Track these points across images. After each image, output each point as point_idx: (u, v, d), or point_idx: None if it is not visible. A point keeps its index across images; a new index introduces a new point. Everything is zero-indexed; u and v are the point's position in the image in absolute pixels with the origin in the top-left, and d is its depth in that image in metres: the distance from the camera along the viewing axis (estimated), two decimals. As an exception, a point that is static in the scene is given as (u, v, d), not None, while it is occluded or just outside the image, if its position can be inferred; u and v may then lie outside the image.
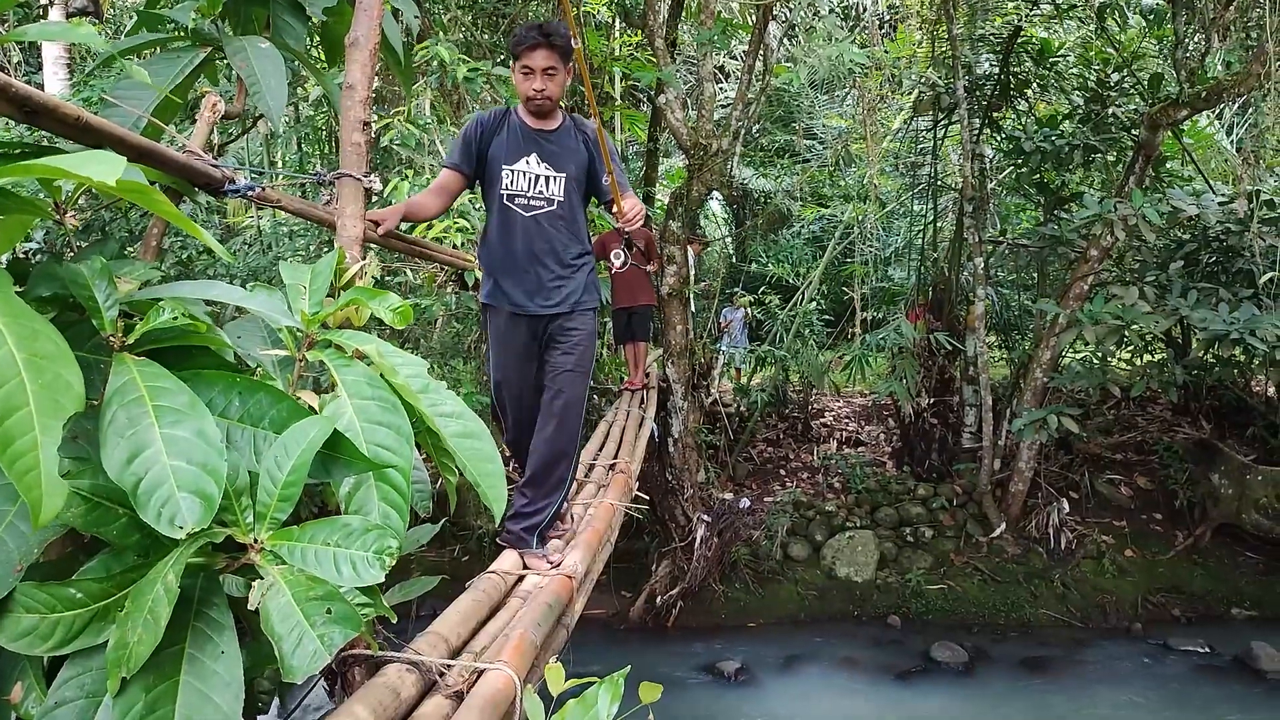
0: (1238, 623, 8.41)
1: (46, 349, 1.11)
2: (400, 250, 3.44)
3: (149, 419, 1.28)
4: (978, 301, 9.72)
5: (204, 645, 1.28)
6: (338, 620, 1.26)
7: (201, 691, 1.24)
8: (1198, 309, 7.39)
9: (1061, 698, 7.21)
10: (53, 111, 1.43)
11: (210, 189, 1.91)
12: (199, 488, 1.25)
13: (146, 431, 1.26)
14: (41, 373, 1.09)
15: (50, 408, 1.08)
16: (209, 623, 1.30)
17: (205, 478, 1.26)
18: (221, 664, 1.27)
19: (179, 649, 1.26)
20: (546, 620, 2.23)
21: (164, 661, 1.23)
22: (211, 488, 1.25)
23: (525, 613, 2.27)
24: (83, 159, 1.11)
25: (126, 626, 1.19)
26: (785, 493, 10.13)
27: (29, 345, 1.10)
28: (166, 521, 1.21)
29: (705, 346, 9.95)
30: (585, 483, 4.50)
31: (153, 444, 1.26)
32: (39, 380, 1.08)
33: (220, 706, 1.23)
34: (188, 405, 1.31)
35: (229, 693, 1.25)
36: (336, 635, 1.24)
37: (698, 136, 7.63)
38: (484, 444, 1.58)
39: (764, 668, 7.78)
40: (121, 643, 1.18)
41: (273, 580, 1.30)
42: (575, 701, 1.45)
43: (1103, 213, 7.73)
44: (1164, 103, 8.22)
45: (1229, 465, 8.95)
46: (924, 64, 10.92)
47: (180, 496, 1.23)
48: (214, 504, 1.24)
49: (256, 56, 2.17)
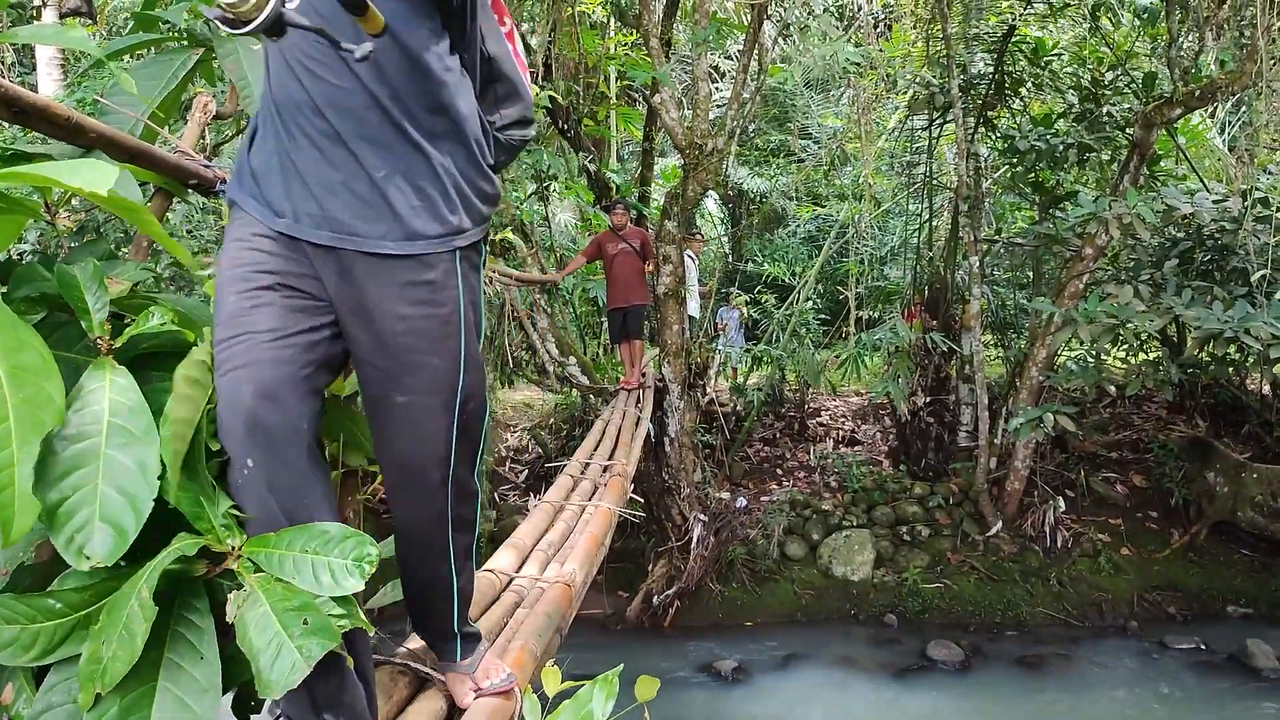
0: (1233, 620, 8.43)
1: (30, 361, 1.10)
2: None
3: (100, 436, 1.23)
4: (973, 300, 9.73)
5: (183, 652, 1.26)
6: (314, 631, 1.23)
7: (179, 698, 1.21)
8: (1192, 307, 7.40)
9: (1057, 695, 7.22)
10: (43, 112, 1.42)
11: (202, 189, 1.91)
12: (118, 521, 1.19)
13: (91, 449, 1.22)
14: (23, 386, 1.08)
15: (30, 423, 1.07)
16: (189, 628, 1.28)
17: (128, 512, 1.20)
18: (200, 670, 1.24)
19: (158, 654, 1.24)
20: (546, 631, 2.22)
21: (140, 667, 1.19)
22: (130, 523, 1.20)
23: (526, 622, 2.26)
24: (74, 168, 1.10)
25: (99, 641, 1.17)
26: (782, 492, 10.14)
27: (13, 357, 1.08)
28: (75, 550, 1.16)
29: (702, 346, 9.95)
30: (581, 480, 4.50)
31: (92, 463, 1.21)
32: (20, 394, 1.07)
33: (197, 714, 1.21)
34: (143, 431, 1.26)
35: (206, 699, 1.23)
36: (314, 647, 1.21)
37: (693, 136, 7.63)
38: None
39: (761, 667, 7.78)
40: (95, 657, 1.16)
41: (250, 590, 1.28)
42: (570, 701, 1.45)
43: (1097, 211, 7.74)
44: (1158, 101, 8.23)
45: (1224, 463, 8.97)
46: (919, 63, 10.93)
47: (97, 525, 1.18)
48: (127, 540, 1.19)
49: (248, 58, 2.16)
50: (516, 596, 2.55)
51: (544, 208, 10.05)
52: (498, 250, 6.90)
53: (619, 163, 12.21)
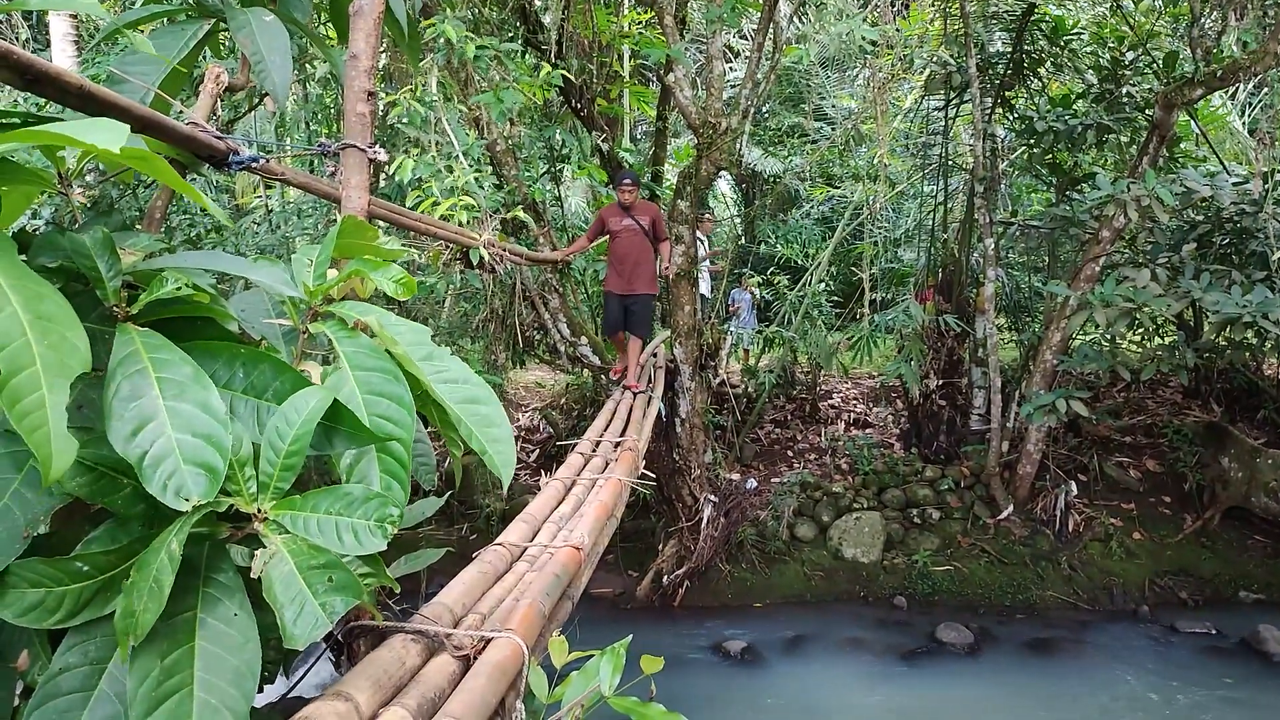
0: (1245, 606, 8.40)
1: (51, 311, 1.12)
2: (406, 228, 3.43)
3: (153, 391, 1.28)
4: (988, 283, 9.67)
5: (215, 609, 1.29)
6: (339, 589, 1.27)
7: (217, 654, 1.25)
8: (1210, 291, 7.33)
9: (1067, 679, 7.23)
10: (54, 80, 1.42)
11: (215, 161, 1.90)
12: (203, 460, 1.25)
13: (151, 404, 1.27)
14: (47, 334, 1.09)
15: (57, 367, 1.08)
16: (219, 588, 1.32)
17: (210, 450, 1.26)
18: (235, 626, 1.28)
19: (191, 615, 1.27)
20: (554, 591, 2.24)
21: (178, 628, 1.24)
22: (216, 460, 1.26)
23: (534, 582, 2.28)
24: (86, 126, 1.10)
25: (132, 596, 1.20)
26: (792, 474, 10.14)
27: (34, 307, 1.10)
28: (172, 494, 1.22)
29: (713, 327, 9.92)
30: (592, 457, 4.51)
31: (157, 416, 1.26)
32: (45, 341, 1.09)
33: (237, 665, 1.25)
34: (191, 378, 1.31)
35: (245, 651, 1.26)
36: (338, 603, 1.25)
37: (706, 115, 7.58)
38: (490, 409, 1.56)
39: (770, 647, 7.81)
40: (128, 611, 1.20)
41: (275, 549, 1.31)
42: (578, 672, 1.46)
43: (1115, 193, 7.66)
44: (1179, 82, 8.12)
45: (1239, 448, 8.91)
46: (936, 42, 10.80)
47: (185, 469, 1.24)
48: (219, 476, 1.25)
49: (260, 30, 2.15)
50: (528, 564, 2.57)
51: (556, 188, 10.02)
52: (510, 229, 6.88)
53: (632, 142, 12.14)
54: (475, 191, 5.11)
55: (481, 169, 5.78)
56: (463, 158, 5.59)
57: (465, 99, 6.60)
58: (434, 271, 6.10)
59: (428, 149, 5.55)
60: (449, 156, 5.59)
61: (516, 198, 7.16)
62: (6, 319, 1.07)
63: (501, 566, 2.49)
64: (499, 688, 1.72)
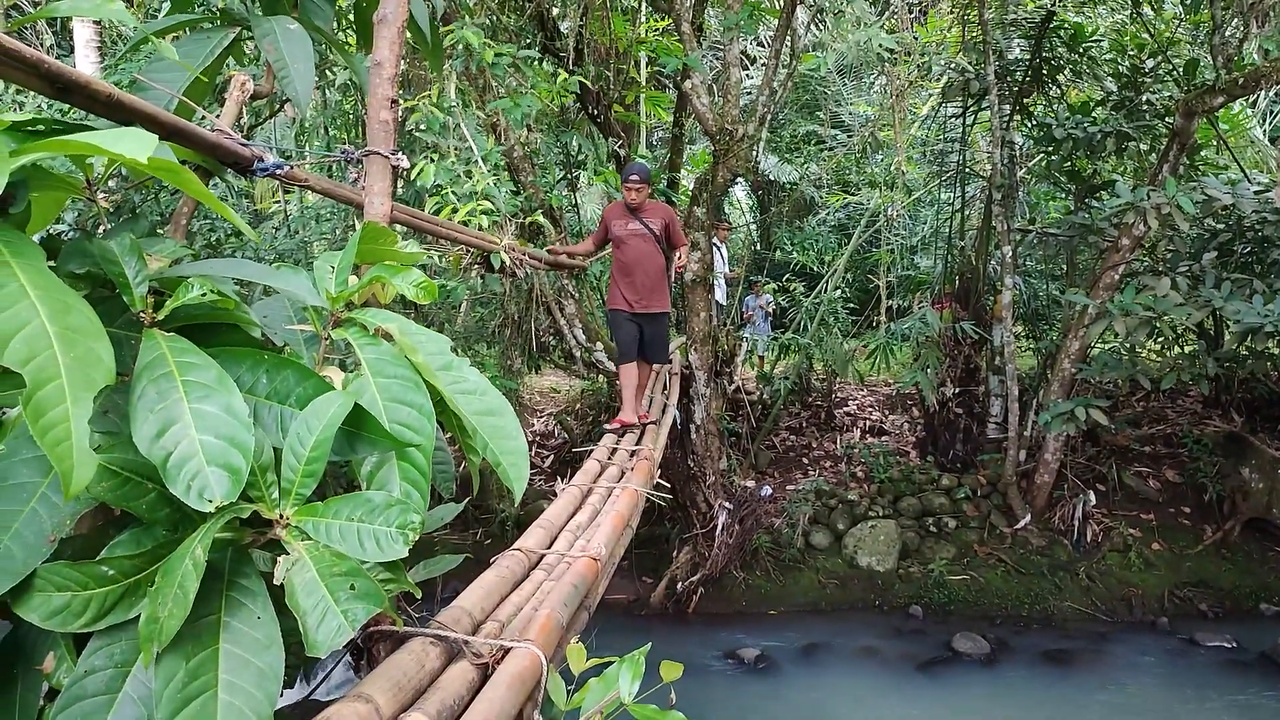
0: (1266, 618, 8.30)
1: (78, 323, 1.13)
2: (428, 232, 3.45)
3: (178, 394, 1.29)
4: (1005, 291, 9.62)
5: (239, 613, 1.30)
6: (361, 596, 1.27)
7: (241, 656, 1.26)
8: (1231, 301, 7.26)
9: (1084, 691, 7.16)
10: (84, 88, 1.44)
11: (239, 168, 1.92)
12: (227, 462, 1.26)
13: (176, 406, 1.28)
14: (73, 346, 1.10)
15: (82, 380, 1.09)
16: (242, 592, 1.33)
17: (233, 452, 1.27)
18: (259, 629, 1.29)
19: (215, 619, 1.28)
20: (572, 601, 2.24)
21: (201, 631, 1.25)
22: (239, 461, 1.27)
23: (552, 592, 2.28)
24: (115, 136, 1.12)
25: (157, 601, 1.21)
26: (807, 481, 10.11)
27: (61, 319, 1.11)
28: (195, 495, 1.23)
29: (729, 333, 9.91)
30: (609, 466, 4.51)
31: (181, 418, 1.28)
32: (71, 353, 1.10)
33: (261, 668, 1.26)
34: (216, 380, 1.33)
35: (269, 654, 1.27)
36: (360, 611, 1.26)
37: (723, 122, 7.59)
38: (505, 421, 1.57)
39: (784, 655, 7.78)
40: (153, 617, 1.20)
41: (298, 555, 1.32)
42: (598, 679, 1.46)
43: (1135, 201, 7.60)
44: (1200, 89, 8.06)
45: (1260, 459, 8.81)
46: (954, 49, 10.78)
47: (209, 470, 1.25)
48: (241, 477, 1.26)
49: (284, 38, 2.17)
50: (545, 573, 2.57)
51: (573, 195, 10.04)
52: (528, 234, 6.90)
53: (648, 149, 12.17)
54: (494, 196, 5.13)
55: (500, 174, 5.78)
56: (482, 163, 5.62)
57: (483, 105, 6.63)
58: (453, 276, 6.13)
59: (446, 155, 5.58)
60: (468, 162, 5.61)
61: (534, 203, 7.19)
62: (34, 330, 1.08)
63: (520, 572, 2.49)
64: (518, 698, 1.72)
